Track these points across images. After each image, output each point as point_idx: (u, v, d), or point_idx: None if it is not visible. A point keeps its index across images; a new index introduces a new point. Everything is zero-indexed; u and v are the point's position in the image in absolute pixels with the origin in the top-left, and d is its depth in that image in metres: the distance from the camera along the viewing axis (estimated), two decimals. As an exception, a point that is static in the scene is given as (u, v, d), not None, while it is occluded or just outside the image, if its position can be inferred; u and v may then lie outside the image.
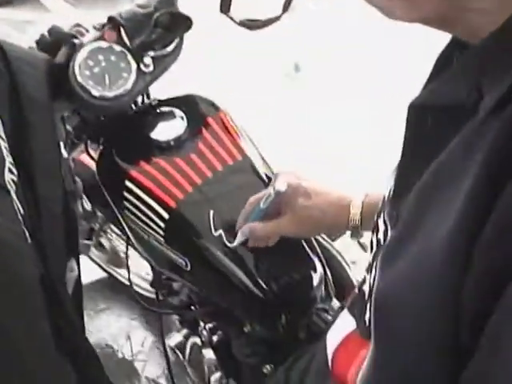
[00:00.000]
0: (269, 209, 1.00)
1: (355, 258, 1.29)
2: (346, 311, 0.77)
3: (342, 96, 2.98)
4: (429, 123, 0.53)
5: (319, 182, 1.01)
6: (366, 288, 0.70)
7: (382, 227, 0.65)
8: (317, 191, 0.99)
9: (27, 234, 0.90)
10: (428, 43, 1.50)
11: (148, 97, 1.32)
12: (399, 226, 0.55)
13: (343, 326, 0.76)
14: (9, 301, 0.82)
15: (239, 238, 1.06)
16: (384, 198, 0.67)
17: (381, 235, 0.66)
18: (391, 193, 0.62)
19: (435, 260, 0.47)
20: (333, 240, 1.31)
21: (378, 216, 0.67)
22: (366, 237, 1.53)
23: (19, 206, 0.90)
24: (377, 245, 0.68)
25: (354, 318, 0.74)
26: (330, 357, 0.77)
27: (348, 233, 1.38)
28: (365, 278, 0.71)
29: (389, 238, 0.60)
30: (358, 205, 0.96)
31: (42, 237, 0.99)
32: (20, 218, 0.89)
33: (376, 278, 0.58)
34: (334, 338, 0.78)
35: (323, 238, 1.30)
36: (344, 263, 1.27)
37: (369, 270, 0.70)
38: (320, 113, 2.91)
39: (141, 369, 2.02)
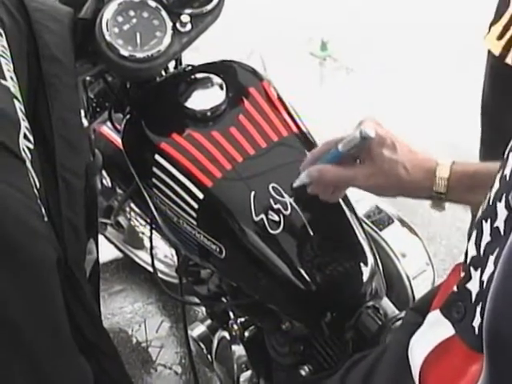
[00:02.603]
0: (348, 154, 0.89)
1: (406, 249, 1.16)
2: (437, 313, 0.64)
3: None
4: None
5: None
6: (472, 287, 0.58)
7: (502, 213, 0.54)
8: (405, 146, 0.90)
9: (43, 211, 0.79)
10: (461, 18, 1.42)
11: (180, 63, 1.19)
12: None
13: (435, 330, 0.64)
14: (22, 285, 0.73)
15: (302, 180, 0.95)
16: (505, 176, 0.55)
17: (500, 223, 0.54)
18: None
19: None
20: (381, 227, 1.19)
21: (497, 199, 0.56)
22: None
23: (35, 178, 0.79)
24: (491, 234, 0.56)
25: (450, 322, 0.61)
26: (417, 368, 0.64)
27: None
28: (469, 273, 0.59)
29: None
30: (445, 170, 0.87)
31: (60, 215, 0.87)
32: (36, 192, 0.78)
33: (497, 276, 0.48)
34: (421, 346, 0.65)
35: (369, 226, 1.18)
36: (393, 255, 1.15)
37: (477, 264, 0.58)
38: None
39: (155, 355, 1.94)
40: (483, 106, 1.47)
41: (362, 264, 1.01)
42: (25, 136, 0.79)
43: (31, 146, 0.81)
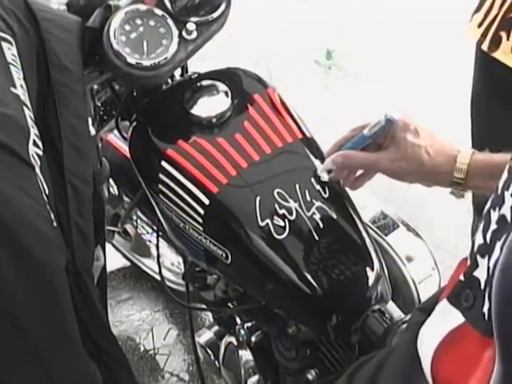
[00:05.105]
0: (373, 138, 0.92)
1: (412, 253, 1.16)
2: (445, 302, 0.64)
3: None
4: None
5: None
6: (479, 275, 0.59)
7: (509, 200, 0.55)
8: (428, 132, 0.93)
9: (52, 217, 0.80)
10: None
11: (186, 70, 1.20)
12: None
13: (444, 320, 0.64)
14: (30, 288, 0.73)
15: (326, 165, 0.98)
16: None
17: (506, 210, 0.55)
18: None
19: None
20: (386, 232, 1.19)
21: (505, 188, 0.57)
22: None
23: (44, 184, 0.80)
24: (497, 221, 0.57)
25: (459, 310, 0.62)
26: (427, 359, 0.64)
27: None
28: (476, 262, 0.59)
29: None
30: (466, 157, 0.91)
31: (68, 221, 0.88)
32: (45, 197, 0.79)
33: (502, 261, 0.50)
34: (431, 336, 0.65)
35: (375, 231, 1.19)
36: (398, 260, 1.15)
37: (484, 252, 0.58)
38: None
39: (163, 363, 1.95)
40: (472, 99, 1.48)
41: (367, 268, 1.01)
42: (34, 142, 0.80)
43: (40, 153, 0.82)
